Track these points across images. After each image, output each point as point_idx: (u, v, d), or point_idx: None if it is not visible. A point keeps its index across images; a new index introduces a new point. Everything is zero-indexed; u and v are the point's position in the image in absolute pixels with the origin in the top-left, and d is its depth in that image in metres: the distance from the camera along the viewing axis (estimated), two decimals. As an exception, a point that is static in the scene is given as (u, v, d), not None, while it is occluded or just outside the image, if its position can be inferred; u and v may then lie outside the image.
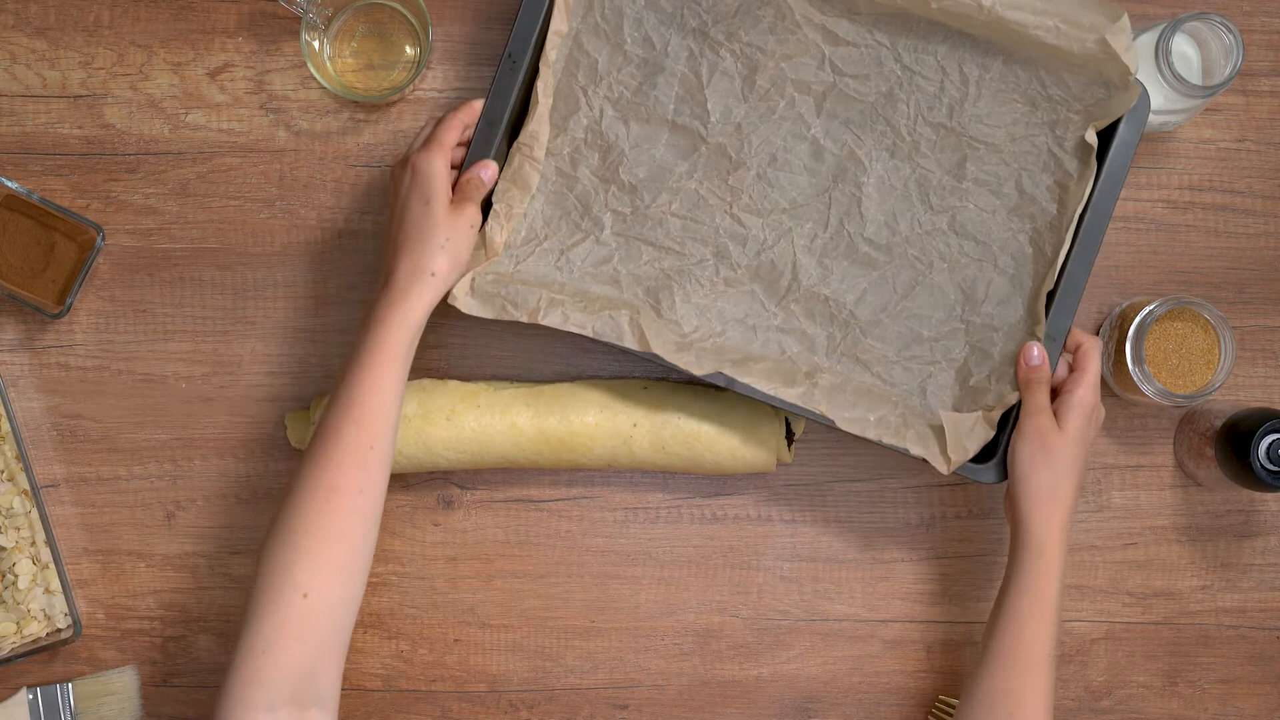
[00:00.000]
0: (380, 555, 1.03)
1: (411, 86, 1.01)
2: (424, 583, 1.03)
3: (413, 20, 1.02)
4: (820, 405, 0.94)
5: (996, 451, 0.95)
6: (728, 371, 0.94)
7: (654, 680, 1.04)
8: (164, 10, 1.03)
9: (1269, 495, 1.04)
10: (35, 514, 0.99)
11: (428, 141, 0.93)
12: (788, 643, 1.04)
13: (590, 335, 0.93)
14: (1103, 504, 1.05)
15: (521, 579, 1.03)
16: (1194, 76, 0.98)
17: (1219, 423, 0.98)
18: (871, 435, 0.93)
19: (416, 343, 0.89)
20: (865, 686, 1.04)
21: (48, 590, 0.99)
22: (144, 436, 1.03)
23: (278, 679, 0.80)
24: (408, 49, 1.03)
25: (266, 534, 0.84)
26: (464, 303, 0.93)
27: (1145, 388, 0.98)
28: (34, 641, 0.98)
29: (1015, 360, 0.95)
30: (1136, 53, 0.90)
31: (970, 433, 0.93)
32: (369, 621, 1.03)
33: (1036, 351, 0.94)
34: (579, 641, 1.04)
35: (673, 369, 0.94)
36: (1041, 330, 0.94)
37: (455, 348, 1.03)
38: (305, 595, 0.82)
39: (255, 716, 0.79)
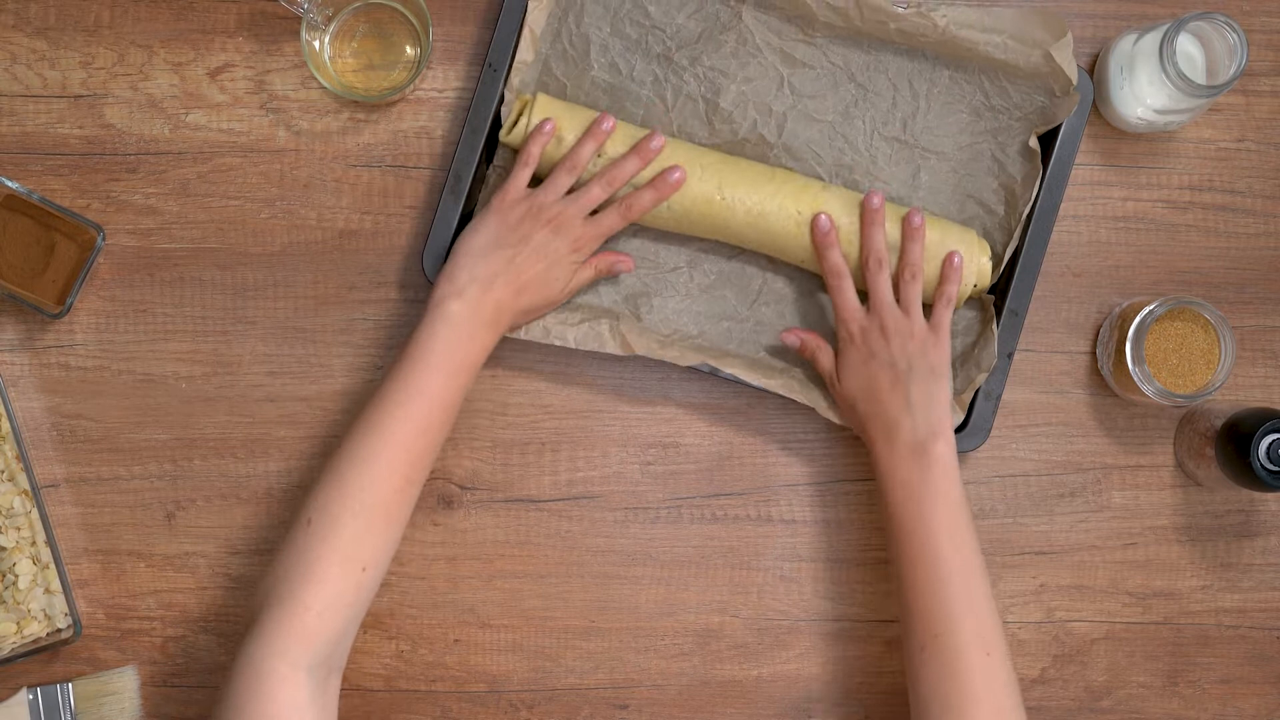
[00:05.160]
0: (380, 555, 1.03)
1: (411, 86, 1.01)
2: (424, 583, 1.03)
3: (413, 20, 1.02)
4: (800, 395, 0.99)
5: (969, 423, 1.00)
6: (713, 363, 0.98)
7: (654, 680, 1.04)
8: (164, 10, 1.03)
9: (1269, 495, 1.05)
10: (35, 514, 0.99)
11: (609, 222, 0.96)
12: (788, 643, 1.04)
13: (572, 345, 0.98)
14: (1103, 504, 1.05)
15: (521, 579, 1.04)
16: (1198, 76, 0.98)
17: (1219, 423, 0.98)
18: (850, 423, 0.98)
19: None
20: (865, 687, 1.04)
21: (48, 590, 0.99)
22: (144, 436, 1.03)
23: (321, 642, 0.83)
24: (408, 49, 1.03)
25: (325, 491, 0.87)
26: None
27: (1145, 388, 0.98)
28: (34, 641, 0.98)
29: (974, 351, 1.00)
30: (1075, 65, 0.97)
31: None
32: (369, 622, 1.03)
33: (791, 339, 1.00)
34: (579, 641, 1.04)
35: (660, 363, 0.98)
36: (991, 308, 1.00)
37: (455, 348, 1.03)
38: (365, 569, 0.86)
39: (295, 674, 0.82)
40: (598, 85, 1.01)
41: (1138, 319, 0.98)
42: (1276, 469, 0.94)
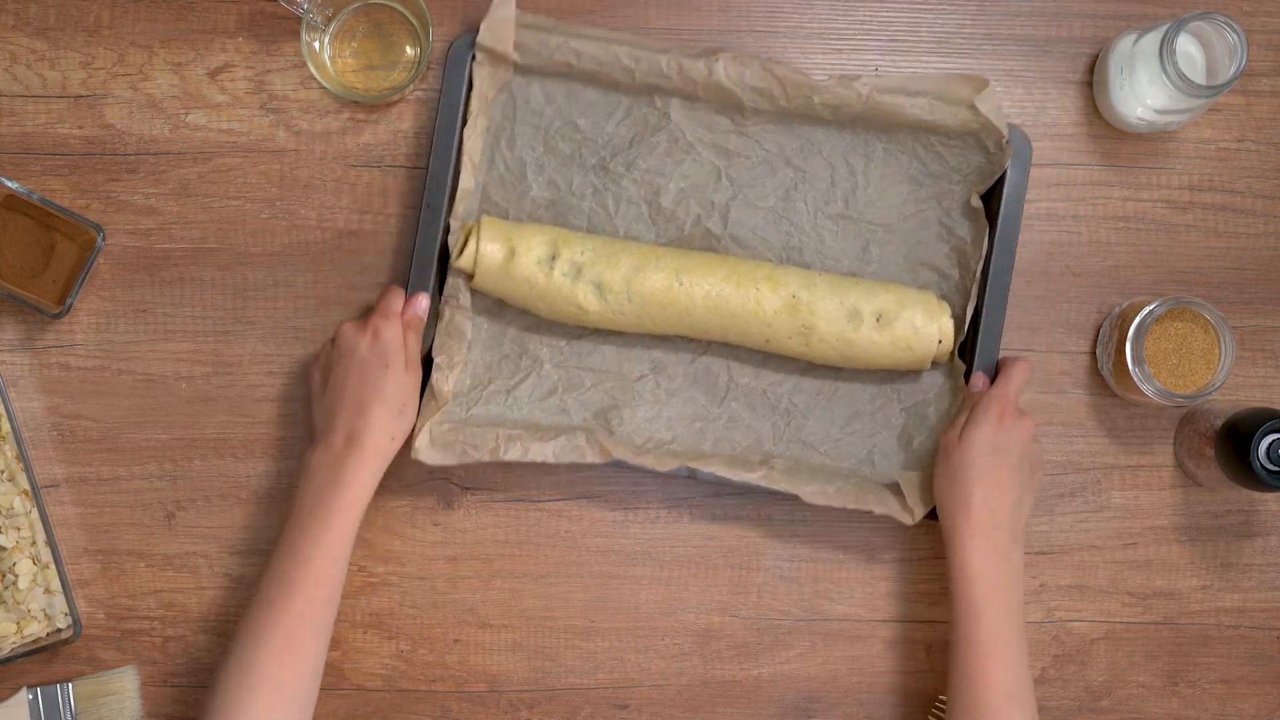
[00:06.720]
0: (380, 555, 1.03)
1: (411, 86, 1.01)
2: (424, 583, 1.03)
3: (413, 20, 1.02)
4: (782, 484, 0.98)
5: None
6: (691, 465, 0.98)
7: (654, 680, 1.04)
8: (164, 10, 1.03)
9: (1269, 495, 1.05)
10: (35, 514, 0.99)
11: (383, 310, 0.97)
12: (788, 643, 1.04)
13: (552, 461, 0.97)
14: (1103, 504, 1.05)
15: (521, 579, 1.04)
16: (1198, 76, 0.98)
17: (1219, 423, 0.98)
18: (835, 504, 0.98)
19: None
20: (865, 686, 1.04)
21: (48, 590, 0.99)
22: (144, 436, 1.03)
23: None
24: (408, 49, 1.03)
25: (219, 667, 0.90)
26: (426, 454, 0.97)
27: (1145, 388, 0.98)
28: (34, 641, 0.98)
29: (950, 415, 1.01)
30: (1004, 116, 0.98)
31: (927, 487, 0.98)
32: (369, 622, 1.03)
33: (977, 381, 0.99)
34: (579, 641, 1.04)
35: (638, 469, 0.99)
36: (960, 375, 1.00)
37: (455, 348, 1.03)
38: None
39: None
40: (539, 204, 1.01)
41: (1138, 319, 0.98)
42: (1276, 469, 0.94)
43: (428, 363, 1.00)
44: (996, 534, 0.93)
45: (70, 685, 1.00)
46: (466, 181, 0.99)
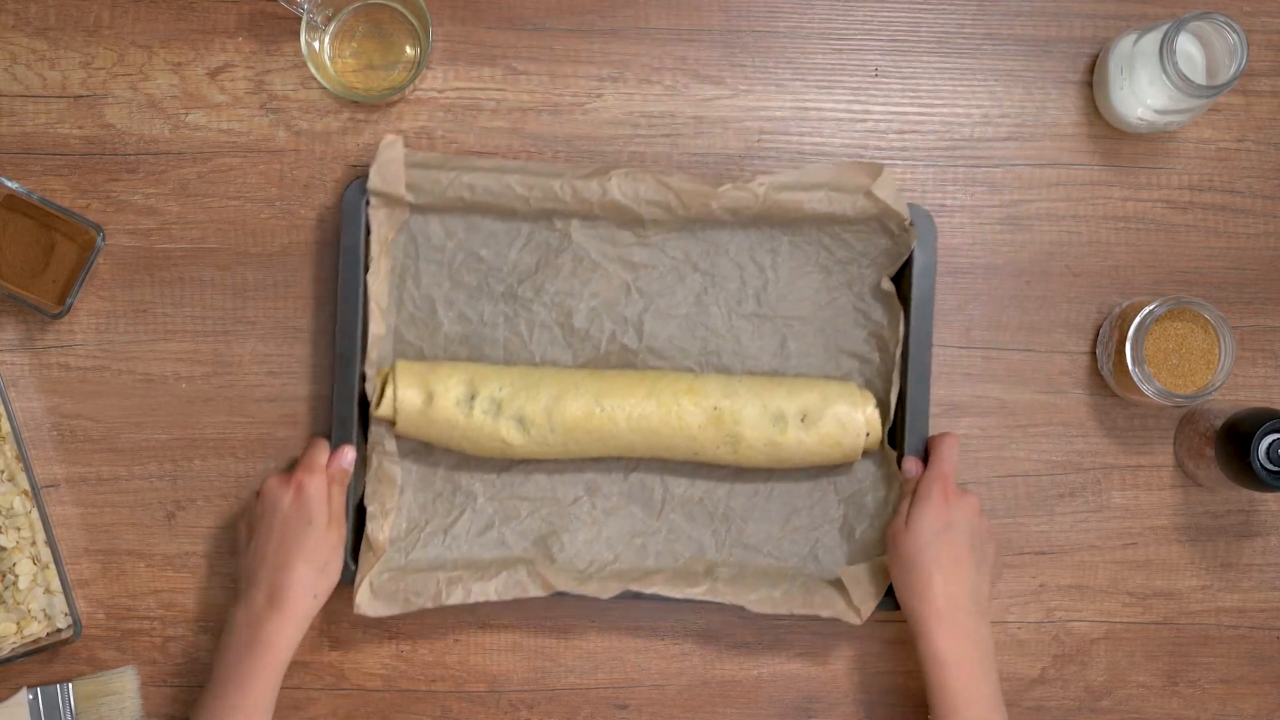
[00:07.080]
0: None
1: (411, 86, 1.01)
2: (424, 583, 1.03)
3: (413, 20, 1.02)
4: (726, 596, 0.97)
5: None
6: (634, 588, 0.97)
7: (654, 680, 1.04)
8: (164, 10, 1.03)
9: (1269, 495, 1.05)
10: (35, 514, 0.99)
11: (307, 464, 0.97)
12: (788, 643, 1.04)
13: (495, 599, 0.97)
14: (1103, 504, 1.05)
15: (521, 579, 1.03)
16: (1198, 76, 0.98)
17: (1219, 423, 0.98)
18: (782, 610, 0.98)
19: None
20: (865, 686, 1.04)
21: (48, 590, 0.99)
22: (144, 436, 1.03)
23: None
24: (408, 49, 1.03)
25: None
26: (368, 606, 0.97)
27: (1145, 388, 0.98)
28: (34, 641, 0.98)
29: (893, 504, 1.00)
30: (904, 198, 0.97)
31: (871, 580, 0.98)
32: (369, 622, 1.03)
33: (910, 466, 0.99)
34: (579, 641, 1.04)
35: (581, 598, 0.98)
36: (893, 461, 0.99)
37: (455, 348, 1.03)
38: None
39: None
40: (452, 339, 1.00)
41: (1138, 319, 0.98)
42: (1276, 469, 0.94)
43: (361, 512, 1.00)
44: (960, 615, 0.93)
45: (70, 685, 1.00)
46: (376, 327, 0.98)
